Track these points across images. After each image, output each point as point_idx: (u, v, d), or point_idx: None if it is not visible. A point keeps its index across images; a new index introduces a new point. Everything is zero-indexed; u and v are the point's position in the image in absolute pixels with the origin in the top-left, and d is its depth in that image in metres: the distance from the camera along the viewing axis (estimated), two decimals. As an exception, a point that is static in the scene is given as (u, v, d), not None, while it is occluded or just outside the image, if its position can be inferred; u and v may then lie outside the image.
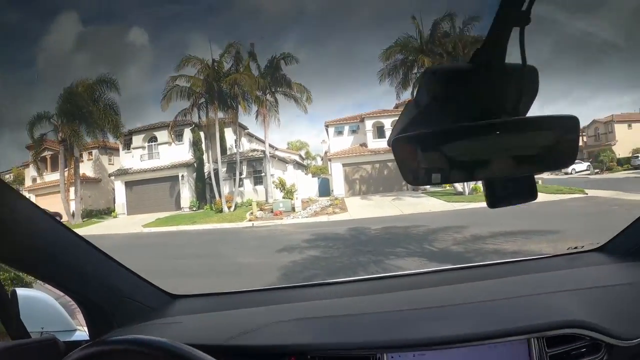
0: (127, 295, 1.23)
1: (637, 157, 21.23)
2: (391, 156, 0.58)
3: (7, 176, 21.70)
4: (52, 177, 20.10)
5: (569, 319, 0.96)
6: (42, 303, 1.42)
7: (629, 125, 23.26)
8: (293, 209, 15.24)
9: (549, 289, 1.14)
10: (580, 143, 27.10)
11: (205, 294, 1.50)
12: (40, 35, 24.37)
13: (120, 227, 15.48)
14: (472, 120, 0.55)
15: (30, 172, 21.54)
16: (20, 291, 1.08)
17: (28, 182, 21.76)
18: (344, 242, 8.75)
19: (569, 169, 23.30)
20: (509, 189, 0.63)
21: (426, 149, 0.56)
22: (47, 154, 20.40)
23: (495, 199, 0.64)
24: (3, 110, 19.49)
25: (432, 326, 1.02)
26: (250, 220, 14.16)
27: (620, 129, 23.29)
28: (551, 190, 14.95)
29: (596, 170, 22.01)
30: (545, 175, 22.81)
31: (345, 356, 0.99)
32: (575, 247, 1.54)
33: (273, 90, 17.57)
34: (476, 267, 1.64)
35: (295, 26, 30.28)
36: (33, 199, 21.06)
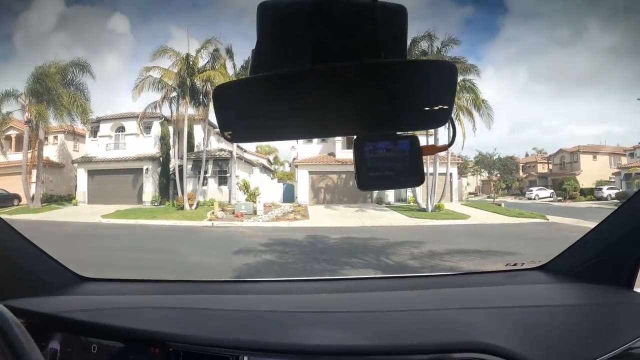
0: (28, 270, 1.22)
1: (601, 189, 21.72)
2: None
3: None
4: (15, 157, 19.42)
5: (473, 340, 0.84)
6: None
7: (594, 157, 23.91)
8: (255, 212, 15.16)
9: (470, 305, 1.03)
10: (546, 170, 27.91)
11: (115, 280, 1.49)
12: (19, 9, 23.61)
13: (79, 215, 15.12)
14: (316, 63, 0.46)
15: (-7, 150, 20.77)
16: None
17: (-10, 160, 20.97)
18: (301, 249, 8.70)
19: (532, 195, 23.84)
20: (387, 168, 0.54)
21: (250, 99, 0.46)
22: (12, 132, 19.77)
23: (366, 179, 0.54)
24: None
25: (307, 332, 0.92)
26: (210, 220, 13.98)
27: (585, 160, 23.93)
28: (513, 213, 15.36)
29: (559, 198, 22.51)
30: (509, 199, 23.42)
31: (207, 353, 0.91)
32: (515, 264, 1.47)
33: (246, 91, 17.40)
34: (406, 278, 1.55)
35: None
36: (-7, 178, 20.38)
